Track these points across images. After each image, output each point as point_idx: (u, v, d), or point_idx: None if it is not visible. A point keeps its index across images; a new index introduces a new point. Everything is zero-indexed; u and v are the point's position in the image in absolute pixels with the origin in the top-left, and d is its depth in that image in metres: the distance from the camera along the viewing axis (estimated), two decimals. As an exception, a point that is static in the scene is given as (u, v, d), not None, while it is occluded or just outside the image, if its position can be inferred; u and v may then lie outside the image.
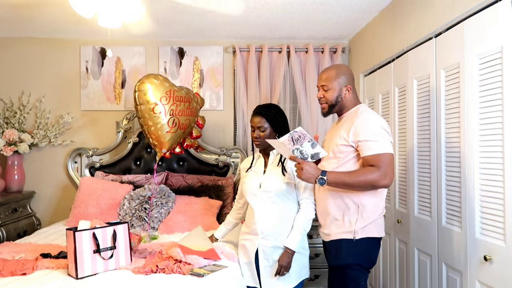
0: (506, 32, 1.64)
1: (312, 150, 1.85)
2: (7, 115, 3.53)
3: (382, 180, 1.79)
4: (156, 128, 2.75)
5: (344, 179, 1.84)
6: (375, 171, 1.78)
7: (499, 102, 1.68)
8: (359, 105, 2.00)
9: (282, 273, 2.13)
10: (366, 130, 1.83)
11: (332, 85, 1.98)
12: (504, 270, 1.65)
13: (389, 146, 1.83)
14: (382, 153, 1.80)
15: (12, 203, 3.28)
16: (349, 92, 1.99)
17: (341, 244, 1.93)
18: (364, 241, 1.89)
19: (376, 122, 1.86)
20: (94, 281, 1.84)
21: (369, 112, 1.93)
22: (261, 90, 3.65)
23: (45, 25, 3.34)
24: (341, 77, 1.98)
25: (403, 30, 2.62)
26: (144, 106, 2.72)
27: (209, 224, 2.91)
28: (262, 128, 2.18)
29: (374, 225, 1.91)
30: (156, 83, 2.75)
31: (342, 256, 1.93)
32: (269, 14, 3.08)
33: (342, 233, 1.92)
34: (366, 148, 1.82)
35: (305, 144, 1.83)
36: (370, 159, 1.81)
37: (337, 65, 2.09)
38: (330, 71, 2.01)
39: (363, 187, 1.84)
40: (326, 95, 2.00)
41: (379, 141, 1.81)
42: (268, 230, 2.17)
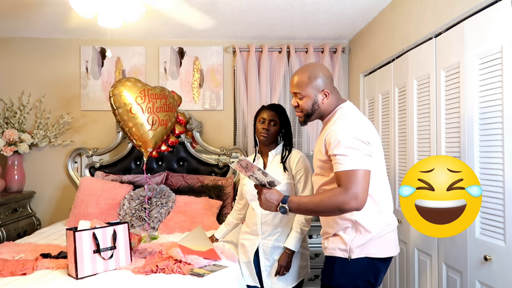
0: (506, 32, 1.64)
1: (266, 178, 1.65)
2: (7, 115, 3.53)
3: (350, 202, 1.51)
4: (137, 128, 2.76)
5: (306, 206, 1.63)
6: (341, 193, 1.53)
7: (499, 102, 1.68)
8: (339, 107, 1.74)
9: (282, 273, 2.14)
10: (335, 142, 1.59)
11: (305, 92, 1.71)
12: (504, 270, 1.65)
13: (362, 161, 1.55)
14: (351, 170, 1.53)
15: (12, 203, 3.28)
16: (327, 97, 1.72)
17: (334, 262, 1.72)
18: (361, 261, 1.67)
19: (348, 132, 1.59)
20: (94, 281, 1.84)
21: (344, 120, 1.66)
22: (261, 90, 3.65)
23: (45, 25, 3.34)
24: (316, 81, 1.71)
25: (403, 30, 2.62)
26: (121, 108, 2.73)
27: (209, 224, 2.91)
28: (273, 122, 2.21)
29: (376, 243, 1.67)
30: (129, 85, 2.78)
31: (333, 276, 1.71)
32: (269, 14, 3.08)
33: (336, 250, 1.71)
34: (336, 163, 1.58)
35: (256, 172, 1.65)
36: (339, 177, 1.56)
37: (309, 66, 1.77)
38: (302, 75, 1.73)
39: (329, 212, 1.61)
40: (300, 104, 1.74)
41: (349, 155, 1.55)
42: (269, 230, 2.17)
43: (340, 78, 3.68)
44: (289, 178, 2.18)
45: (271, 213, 2.16)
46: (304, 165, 2.21)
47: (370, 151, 1.61)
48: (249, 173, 1.67)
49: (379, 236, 1.68)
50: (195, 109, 3.71)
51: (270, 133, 2.20)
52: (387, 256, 1.72)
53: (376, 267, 1.70)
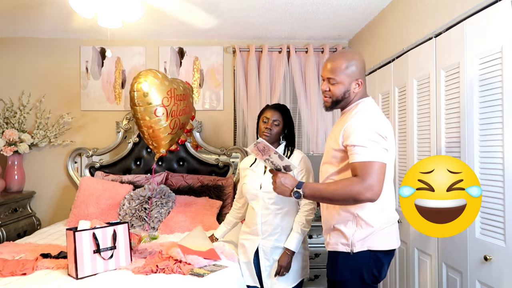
0: (506, 32, 1.64)
1: (282, 162, 1.66)
2: (7, 115, 3.53)
3: (366, 193, 1.53)
4: (157, 131, 2.60)
5: (321, 193, 1.63)
6: (357, 183, 1.54)
7: (499, 102, 1.68)
8: (360, 101, 1.74)
9: (282, 273, 2.14)
10: (355, 133, 1.60)
11: (340, 78, 1.69)
12: (504, 270, 1.65)
13: (380, 154, 1.58)
14: (369, 161, 1.55)
15: (12, 203, 3.28)
16: (359, 87, 1.72)
17: (337, 256, 1.73)
18: (363, 254, 1.68)
19: (369, 125, 1.62)
20: (94, 281, 1.84)
21: (365, 113, 1.68)
22: (261, 90, 3.65)
23: (45, 25, 3.34)
24: (352, 68, 1.69)
25: (403, 30, 2.62)
26: (144, 108, 2.53)
27: (209, 224, 2.91)
28: (276, 122, 2.21)
29: (377, 236, 1.68)
30: (157, 83, 2.55)
31: (337, 270, 1.73)
32: (269, 14, 3.08)
33: (339, 244, 1.72)
34: (352, 154, 1.59)
35: (272, 156, 1.65)
36: (355, 168, 1.58)
37: (346, 53, 1.75)
38: (339, 61, 1.70)
39: (343, 201, 1.62)
40: (332, 89, 1.72)
41: (368, 147, 1.57)
42: (269, 230, 2.17)
43: (340, 78, 3.67)
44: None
45: (271, 213, 2.16)
46: (305, 165, 2.21)
47: (387, 145, 1.63)
48: (265, 157, 1.67)
49: (380, 229, 1.69)
50: (195, 109, 3.70)
51: (273, 133, 2.20)
52: (389, 248, 1.73)
53: (379, 259, 1.71)
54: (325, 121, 3.65)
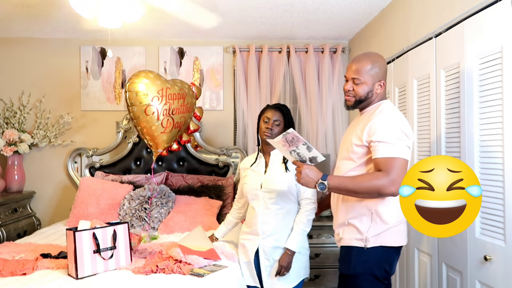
0: (506, 32, 1.64)
1: (309, 153, 1.70)
2: (7, 115, 3.53)
3: (390, 187, 1.60)
4: (151, 129, 2.68)
5: (347, 185, 1.68)
6: (382, 177, 1.61)
7: (499, 102, 1.68)
8: (382, 102, 1.81)
9: (282, 273, 2.14)
10: (381, 130, 1.67)
11: (364, 78, 1.77)
12: (504, 270, 1.65)
13: (404, 151, 1.66)
14: (394, 157, 1.63)
15: (12, 203, 3.28)
16: (382, 88, 1.80)
17: (350, 251, 1.79)
18: (376, 250, 1.74)
19: (394, 122, 1.70)
20: (94, 281, 1.84)
21: (389, 111, 1.75)
22: (261, 90, 3.65)
23: (45, 25, 3.34)
24: (376, 70, 1.77)
25: (403, 30, 2.62)
26: (136, 107, 2.62)
27: (209, 224, 2.91)
28: (277, 122, 2.21)
29: (390, 233, 1.74)
30: (147, 83, 2.64)
31: (351, 264, 1.78)
32: (269, 14, 3.08)
33: (352, 240, 1.78)
34: (377, 149, 1.66)
35: (300, 147, 1.70)
36: (380, 163, 1.65)
37: (371, 55, 1.83)
38: (364, 62, 1.78)
39: (368, 193, 1.67)
40: (356, 89, 1.79)
41: (393, 144, 1.64)
42: (269, 230, 2.17)
43: (340, 78, 3.67)
44: (290, 178, 2.18)
45: (272, 213, 2.16)
46: None
47: (410, 143, 1.71)
48: (292, 148, 1.71)
49: (394, 226, 1.75)
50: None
51: (274, 133, 2.20)
52: (399, 245, 1.79)
53: (390, 255, 1.78)
54: (325, 121, 3.65)
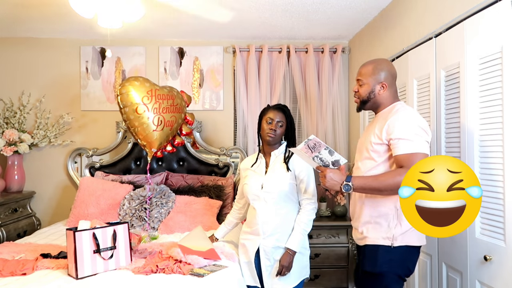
0: (506, 32, 1.64)
1: (331, 157, 1.76)
2: (7, 115, 3.53)
3: None
4: (143, 128, 2.78)
5: (371, 184, 1.73)
6: (404, 173, 1.62)
7: (499, 102, 1.68)
8: (396, 103, 1.88)
9: (283, 273, 2.14)
10: (399, 127, 1.73)
11: (367, 80, 1.89)
12: (504, 270, 1.65)
13: (424, 146, 1.72)
14: (414, 153, 1.68)
15: (12, 203, 3.28)
16: (384, 89, 1.87)
17: (377, 250, 1.81)
18: (402, 249, 1.77)
19: (411, 119, 1.75)
20: (94, 281, 1.84)
21: (405, 110, 1.81)
22: (261, 90, 3.65)
23: (45, 25, 3.34)
24: (379, 73, 1.87)
25: (403, 30, 2.62)
26: (128, 108, 2.75)
27: (209, 224, 2.91)
28: (280, 123, 2.22)
29: (415, 231, 1.76)
30: (137, 85, 2.79)
31: (377, 263, 1.80)
32: (269, 14, 3.08)
33: (379, 238, 1.80)
34: (398, 146, 1.72)
35: (322, 152, 1.75)
36: (401, 159, 1.70)
37: (377, 60, 1.96)
38: (369, 65, 1.92)
39: (392, 190, 1.70)
40: (359, 90, 1.92)
41: (413, 140, 1.70)
42: (270, 230, 2.17)
43: (340, 78, 3.68)
44: (291, 179, 2.18)
45: (272, 213, 2.16)
46: (306, 165, 2.21)
47: (428, 139, 1.77)
48: (314, 154, 1.76)
49: None
50: (195, 109, 3.71)
51: (277, 134, 2.21)
52: (421, 244, 1.83)
53: (414, 255, 1.82)
54: (325, 121, 3.65)
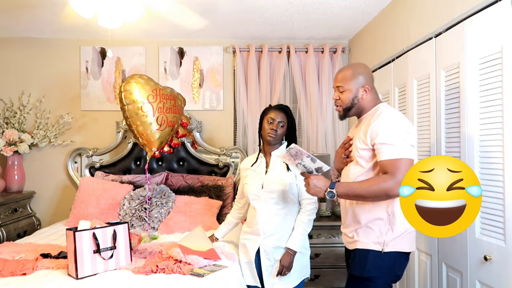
0: (506, 32, 1.64)
1: (314, 164, 1.73)
2: (7, 115, 3.53)
3: (397, 188, 1.59)
4: (145, 127, 2.73)
5: (355, 191, 1.71)
6: (389, 179, 1.63)
7: (499, 102, 1.68)
8: (379, 105, 1.85)
9: (284, 273, 2.14)
10: (383, 131, 1.69)
11: (347, 86, 1.84)
12: (504, 270, 1.65)
13: (408, 151, 1.68)
14: (398, 159, 1.65)
15: (12, 203, 3.28)
16: (367, 93, 1.84)
17: (367, 254, 1.78)
18: (392, 255, 1.74)
19: (395, 123, 1.72)
20: (94, 281, 1.84)
21: (389, 112, 1.78)
22: (261, 90, 3.65)
23: (45, 25, 3.34)
24: (358, 77, 1.84)
25: (403, 30, 2.62)
26: (132, 105, 2.69)
27: (209, 224, 2.91)
28: (282, 123, 2.23)
29: (406, 238, 1.75)
30: (142, 82, 2.74)
31: (366, 268, 1.77)
32: (269, 14, 3.08)
33: (370, 243, 1.77)
34: (381, 152, 1.69)
35: (305, 159, 1.73)
36: (385, 165, 1.67)
37: (354, 64, 1.94)
38: (346, 70, 1.88)
39: (376, 197, 1.70)
40: (341, 97, 1.86)
41: (397, 145, 1.66)
42: (270, 230, 2.17)
43: (340, 78, 3.67)
44: (291, 178, 2.18)
45: (273, 213, 2.17)
46: None
47: (413, 142, 1.74)
48: (297, 161, 1.74)
49: (410, 230, 1.75)
50: (195, 109, 3.71)
51: (278, 134, 2.21)
52: (412, 250, 1.80)
53: (403, 261, 1.80)
54: (325, 121, 3.65)
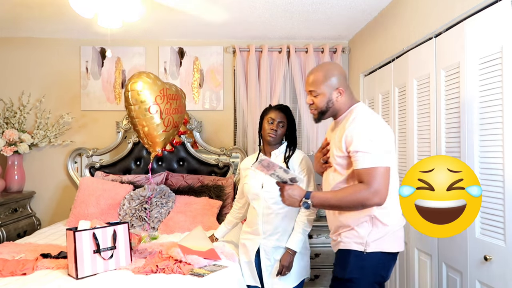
0: (506, 32, 1.64)
1: (288, 175, 1.70)
2: (7, 115, 3.53)
3: (373, 198, 1.59)
4: (152, 128, 2.68)
5: (330, 201, 1.68)
6: (364, 189, 1.60)
7: (499, 102, 1.68)
8: (354, 106, 1.79)
9: (284, 273, 2.14)
10: (357, 139, 1.64)
11: (320, 89, 1.76)
12: (504, 270, 1.65)
13: (383, 158, 1.62)
14: (373, 167, 1.60)
15: (12, 203, 3.28)
16: (341, 95, 1.77)
17: (348, 254, 1.75)
18: (375, 255, 1.71)
19: (369, 129, 1.66)
20: (94, 281, 1.84)
21: (363, 117, 1.71)
22: (261, 90, 3.65)
23: (45, 25, 3.34)
24: (330, 79, 1.75)
25: (403, 30, 2.62)
26: (138, 106, 2.63)
27: (209, 224, 2.91)
28: (282, 124, 2.23)
29: (390, 238, 1.73)
30: (150, 82, 2.66)
31: (347, 269, 1.74)
32: (269, 14, 3.08)
33: (352, 243, 1.74)
34: (356, 160, 1.64)
35: (277, 170, 1.68)
36: (361, 174, 1.63)
37: (324, 65, 1.84)
38: (317, 73, 1.78)
39: (352, 207, 1.67)
40: (315, 101, 1.79)
41: (371, 153, 1.61)
42: (270, 230, 2.17)
43: (340, 78, 3.67)
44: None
45: (273, 213, 2.17)
46: (307, 165, 2.22)
47: (389, 148, 1.68)
48: (270, 172, 1.71)
49: (394, 230, 1.73)
50: (195, 109, 3.71)
51: (278, 134, 2.22)
52: (397, 251, 1.78)
53: (388, 261, 1.76)
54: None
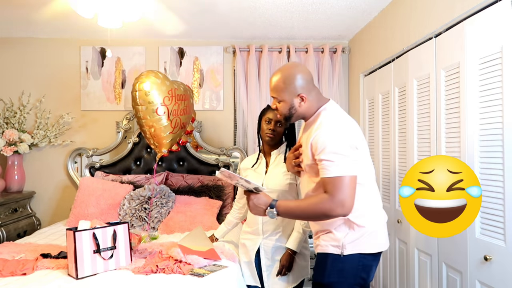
0: (506, 32, 1.64)
1: (250, 185, 1.67)
2: (7, 115, 3.53)
3: (337, 209, 1.54)
4: (159, 130, 2.65)
5: (294, 212, 1.66)
6: (328, 200, 1.54)
7: (499, 102, 1.68)
8: (322, 109, 1.71)
9: (284, 273, 2.14)
10: (321, 147, 1.57)
11: (281, 97, 1.69)
12: (504, 270, 1.65)
13: (349, 167, 1.55)
14: (338, 176, 1.53)
15: (12, 203, 3.28)
16: (304, 101, 1.68)
17: (326, 258, 1.70)
18: (353, 257, 1.66)
19: (334, 137, 1.58)
20: (94, 281, 1.84)
21: (328, 123, 1.63)
22: (261, 90, 3.65)
23: (45, 25, 3.34)
24: (291, 86, 1.67)
25: (403, 30, 2.62)
26: (146, 107, 2.59)
27: (209, 224, 2.91)
28: (279, 123, 2.21)
29: (367, 238, 1.67)
30: (158, 83, 2.61)
31: (325, 273, 1.69)
32: (269, 14, 3.08)
33: (329, 246, 1.70)
34: (322, 168, 1.57)
35: (240, 180, 1.66)
36: (325, 183, 1.57)
37: (284, 70, 1.71)
38: (277, 79, 1.70)
39: (316, 217, 1.63)
40: (278, 107, 1.73)
41: (335, 161, 1.54)
42: (270, 230, 2.18)
43: (340, 78, 3.68)
44: (291, 179, 2.18)
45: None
46: None
47: (357, 155, 1.60)
48: (234, 181, 1.69)
49: (371, 231, 1.68)
50: (195, 109, 3.69)
51: (276, 134, 2.21)
52: (378, 251, 1.72)
53: (368, 262, 1.70)
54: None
